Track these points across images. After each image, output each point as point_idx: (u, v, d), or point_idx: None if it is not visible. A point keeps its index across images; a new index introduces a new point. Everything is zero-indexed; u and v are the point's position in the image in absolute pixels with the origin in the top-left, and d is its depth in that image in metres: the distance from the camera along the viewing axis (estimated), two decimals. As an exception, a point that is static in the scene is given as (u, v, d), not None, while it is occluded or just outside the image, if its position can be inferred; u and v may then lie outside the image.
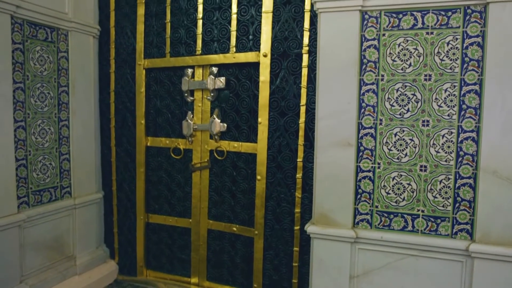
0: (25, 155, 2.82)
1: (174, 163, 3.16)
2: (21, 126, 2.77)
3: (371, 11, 2.20)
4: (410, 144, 2.19)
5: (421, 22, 2.12)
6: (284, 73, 2.65)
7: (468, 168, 2.10)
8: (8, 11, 2.57)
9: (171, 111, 3.14)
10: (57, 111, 3.05)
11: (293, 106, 2.64)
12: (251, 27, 2.75)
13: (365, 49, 2.22)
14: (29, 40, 2.79)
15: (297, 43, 2.60)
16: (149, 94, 3.22)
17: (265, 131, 2.71)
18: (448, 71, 2.09)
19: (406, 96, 2.17)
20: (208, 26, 2.91)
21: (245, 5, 2.76)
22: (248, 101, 2.81)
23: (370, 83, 2.23)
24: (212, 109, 2.96)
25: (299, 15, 2.58)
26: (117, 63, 3.34)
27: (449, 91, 2.10)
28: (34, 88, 2.85)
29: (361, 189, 2.30)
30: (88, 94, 3.29)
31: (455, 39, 2.07)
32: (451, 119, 2.11)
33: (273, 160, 2.73)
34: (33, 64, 2.83)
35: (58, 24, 2.97)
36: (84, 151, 3.27)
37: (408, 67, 2.16)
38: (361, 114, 2.26)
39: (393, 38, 2.18)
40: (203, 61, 2.92)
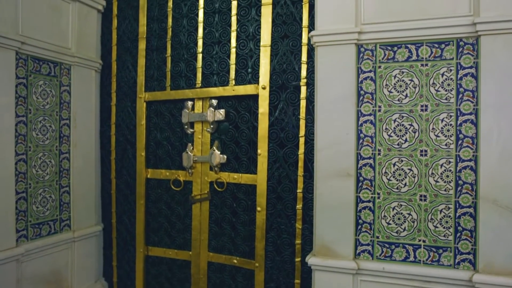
0: (25, 188, 2.82)
1: (174, 195, 3.16)
2: (22, 159, 2.79)
3: (367, 44, 2.26)
4: (409, 174, 2.20)
5: (415, 55, 2.18)
6: (283, 105, 2.69)
7: (467, 197, 2.10)
8: (14, 47, 2.64)
9: (171, 143, 3.17)
10: (58, 143, 3.08)
11: (292, 137, 2.67)
12: (250, 61, 2.81)
13: (362, 81, 2.27)
14: (33, 75, 2.85)
15: (295, 75, 2.65)
16: (149, 126, 3.25)
17: (264, 162, 2.73)
18: (444, 101, 2.13)
19: (404, 127, 2.20)
20: (208, 60, 2.97)
21: (244, 39, 2.84)
22: (248, 132, 2.84)
23: (368, 114, 2.26)
24: (212, 141, 2.99)
25: (296, 48, 2.65)
26: (118, 96, 3.39)
27: (445, 121, 2.13)
28: (36, 122, 2.89)
29: (361, 219, 2.29)
30: (89, 127, 3.33)
31: (449, 70, 2.12)
32: (448, 148, 2.13)
33: (273, 191, 2.73)
34: (36, 98, 2.88)
35: (61, 59, 3.04)
36: (84, 183, 3.27)
37: (405, 98, 2.20)
38: (360, 145, 2.28)
39: (389, 70, 2.22)
40: (203, 93, 2.97)
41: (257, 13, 2.79)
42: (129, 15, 3.32)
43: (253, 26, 2.80)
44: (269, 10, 2.72)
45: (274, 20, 2.72)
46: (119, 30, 3.39)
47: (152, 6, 3.21)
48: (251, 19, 2.81)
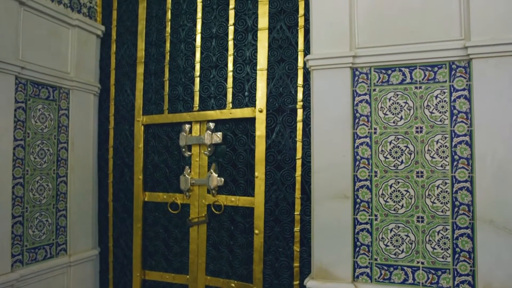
0: (22, 212, 2.81)
1: (171, 218, 3.15)
2: (19, 183, 2.79)
3: (361, 67, 2.30)
4: (406, 195, 2.21)
5: (409, 77, 2.22)
6: (280, 128, 2.72)
7: (464, 218, 2.11)
8: (13, 72, 2.67)
9: (168, 166, 3.18)
10: (55, 167, 3.08)
11: (289, 159, 2.68)
12: (247, 84, 2.85)
13: (357, 103, 2.30)
14: (32, 99, 2.87)
15: (291, 98, 2.69)
16: (147, 149, 3.27)
17: (262, 185, 2.73)
18: (438, 123, 2.16)
19: (399, 148, 2.22)
20: (205, 84, 3.01)
21: (241, 63, 2.88)
22: (245, 155, 2.86)
23: (364, 136, 2.28)
24: (209, 164, 3.00)
25: (292, 72, 2.69)
26: (116, 119, 3.42)
27: (440, 143, 2.15)
28: (34, 145, 2.90)
29: (359, 241, 2.29)
30: (87, 150, 3.34)
31: (442, 92, 2.16)
32: (444, 169, 2.14)
33: (271, 213, 2.73)
34: (34, 122, 2.90)
35: (60, 83, 3.08)
36: (81, 207, 3.26)
37: (400, 120, 2.23)
38: (356, 167, 2.30)
39: (383, 92, 2.26)
40: (200, 117, 2.99)
41: (254, 38, 2.84)
42: (128, 40, 3.38)
43: (250, 50, 2.85)
44: (265, 35, 2.78)
45: (270, 45, 2.78)
46: (117, 54, 3.44)
47: (150, 32, 3.27)
48: (247, 43, 2.87)
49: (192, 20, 3.10)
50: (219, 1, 3.00)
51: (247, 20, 2.88)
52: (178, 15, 3.16)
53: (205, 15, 3.05)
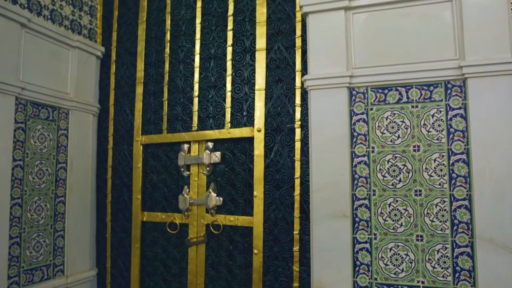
0: (19, 232, 2.79)
1: (170, 238, 3.13)
2: (17, 203, 2.78)
3: (358, 87, 2.33)
4: (405, 214, 2.21)
5: (406, 97, 2.25)
6: (278, 147, 2.73)
7: (464, 237, 2.10)
8: (14, 93, 2.69)
9: (167, 186, 3.18)
10: (54, 187, 3.07)
11: (287, 179, 2.69)
12: (245, 104, 2.88)
13: (355, 122, 2.32)
14: (31, 120, 2.89)
15: (289, 118, 2.71)
16: (146, 169, 3.27)
17: (260, 204, 2.73)
18: (435, 141, 2.18)
19: (397, 167, 2.23)
20: (204, 104, 3.04)
21: (239, 83, 2.91)
22: (244, 174, 2.86)
23: (362, 155, 2.30)
24: (208, 183, 3.00)
25: (290, 91, 2.72)
26: (115, 139, 3.43)
27: (438, 161, 2.17)
28: (33, 165, 2.90)
29: (359, 261, 2.28)
30: (86, 170, 3.34)
31: (439, 111, 2.18)
32: (442, 188, 2.15)
33: (270, 233, 2.72)
34: (34, 142, 2.91)
35: (60, 104, 3.10)
36: (79, 227, 3.24)
37: (397, 139, 2.24)
38: (355, 186, 2.30)
39: (380, 112, 2.28)
40: (199, 136, 3.01)
41: (252, 58, 2.88)
42: (127, 60, 3.42)
43: (248, 70, 2.89)
44: (263, 55, 2.82)
45: (268, 65, 2.81)
46: (117, 75, 3.47)
47: (149, 52, 3.31)
48: (245, 64, 2.91)
49: (191, 41, 3.15)
50: (218, 22, 3.06)
51: (245, 41, 2.93)
52: (177, 36, 3.21)
53: (204, 36, 3.10)
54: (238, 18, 2.98)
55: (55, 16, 3.10)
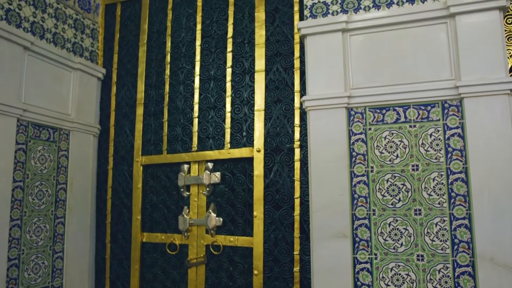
0: (18, 254, 2.78)
1: (169, 259, 3.11)
2: (16, 225, 2.77)
3: (356, 107, 2.36)
4: (405, 233, 2.21)
5: (403, 116, 2.27)
6: (278, 167, 2.74)
7: (465, 256, 2.10)
8: (15, 115, 2.72)
9: (167, 206, 3.17)
10: (54, 208, 3.07)
11: (287, 199, 2.69)
12: (245, 124, 2.90)
13: (354, 142, 2.34)
14: (32, 141, 2.91)
15: (288, 138, 2.73)
16: (145, 189, 3.27)
17: (260, 225, 2.73)
18: (433, 161, 2.19)
19: (397, 186, 2.24)
20: (204, 124, 3.06)
21: (238, 104, 2.95)
22: (243, 195, 2.87)
23: (361, 174, 2.31)
24: (208, 204, 3.00)
25: (289, 112, 2.75)
26: (115, 160, 3.44)
27: (437, 180, 2.18)
28: (33, 186, 2.90)
29: (359, 281, 2.26)
30: (86, 191, 3.34)
31: (436, 131, 2.20)
32: (442, 207, 2.15)
33: (270, 253, 2.71)
34: (34, 163, 2.92)
35: (61, 125, 3.12)
36: (78, 248, 3.22)
37: (396, 158, 2.26)
38: (354, 205, 2.30)
39: (379, 131, 2.30)
40: (199, 157, 3.02)
41: (251, 79, 2.92)
42: (128, 82, 3.46)
43: (247, 91, 2.92)
44: (262, 76, 2.86)
45: (267, 86, 2.85)
46: (117, 96, 3.51)
47: (150, 74, 3.35)
48: (245, 85, 2.94)
49: (191, 62, 3.19)
50: (217, 44, 3.11)
51: (244, 63, 2.97)
52: (177, 58, 3.26)
53: (204, 58, 3.14)
54: (237, 40, 3.03)
55: (58, 39, 3.15)
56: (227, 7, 3.11)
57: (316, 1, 2.54)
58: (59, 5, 3.19)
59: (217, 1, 3.17)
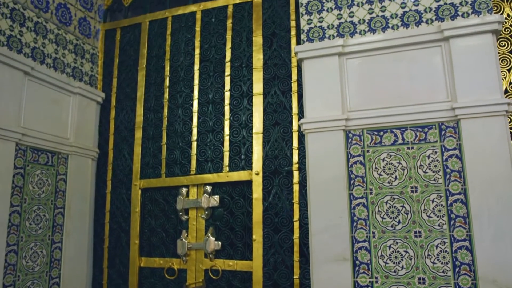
0: (13, 280, 2.73)
1: (168, 284, 3.07)
2: (13, 250, 2.74)
3: (354, 130, 2.37)
4: (405, 256, 2.19)
5: (401, 138, 2.28)
6: (276, 190, 2.74)
7: (467, 279, 2.07)
8: (14, 139, 2.72)
9: (165, 230, 3.15)
10: (51, 233, 3.04)
11: (286, 222, 2.68)
12: (243, 147, 2.91)
13: (352, 165, 2.34)
14: (30, 165, 2.90)
15: (287, 161, 2.74)
16: (144, 213, 3.25)
17: (260, 248, 2.70)
18: (432, 182, 2.19)
19: (396, 208, 2.24)
20: (202, 147, 3.07)
21: (237, 127, 2.96)
22: (242, 218, 2.85)
23: (360, 197, 2.30)
24: (206, 227, 2.98)
25: (287, 135, 2.77)
26: (114, 183, 3.43)
27: (436, 202, 2.17)
28: (30, 211, 2.88)
29: (360, 305, 2.23)
30: (84, 215, 3.32)
31: (434, 152, 2.21)
32: (442, 228, 2.14)
33: (269, 278, 2.67)
34: (32, 187, 2.91)
35: (60, 149, 3.12)
36: (75, 274, 3.17)
37: (394, 180, 2.26)
38: (354, 228, 2.29)
39: (377, 153, 2.31)
40: (198, 180, 3.02)
41: (249, 102, 2.95)
42: (127, 106, 3.48)
43: (246, 114, 2.94)
44: (260, 99, 2.89)
45: (265, 109, 2.87)
46: (116, 120, 3.52)
47: (149, 98, 3.38)
48: (243, 108, 2.97)
49: (189, 86, 3.22)
50: (215, 68, 3.15)
51: (243, 86, 3.00)
52: (176, 82, 3.29)
53: (202, 81, 3.18)
54: (235, 64, 3.07)
55: (58, 64, 3.19)
56: (225, 32, 3.16)
57: (312, 25, 2.59)
58: (60, 31, 3.24)
59: (215, 26, 3.22)
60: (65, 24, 3.29)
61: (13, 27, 2.82)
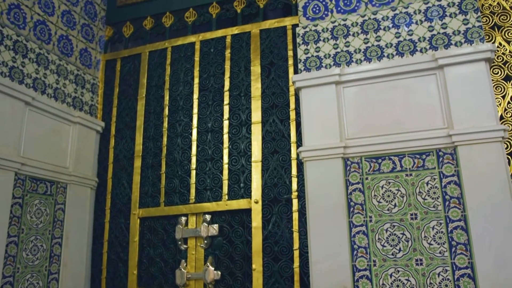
0: (9, 314, 2.69)
1: (165, 316, 3.01)
2: (8, 282, 2.70)
3: (352, 157, 2.38)
4: (407, 284, 2.16)
5: (399, 165, 2.29)
6: (276, 218, 2.73)
7: (470, 308, 2.04)
8: (13, 169, 2.72)
9: (164, 260, 3.11)
10: (48, 263, 3.00)
11: (286, 250, 2.65)
12: (242, 176, 2.92)
13: (351, 192, 2.35)
14: (29, 194, 2.89)
15: (286, 189, 2.74)
16: (142, 243, 3.22)
17: (259, 278, 2.66)
18: (432, 209, 2.19)
19: (396, 236, 2.22)
20: (201, 176, 3.07)
21: (236, 155, 2.97)
22: (242, 247, 2.82)
23: (359, 224, 2.29)
24: (205, 257, 2.94)
25: (286, 163, 2.78)
26: (112, 212, 3.41)
27: (436, 229, 2.16)
28: (27, 241, 2.85)
29: (363, 336, 2.19)
30: (81, 245, 3.28)
31: (433, 179, 2.22)
32: (443, 256, 2.12)
33: (270, 308, 2.63)
34: (30, 217, 2.89)
35: (59, 178, 3.12)
36: (71, 306, 3.12)
37: (394, 207, 2.26)
38: (354, 256, 2.27)
39: (375, 181, 2.32)
40: (197, 209, 3.01)
41: (248, 131, 2.97)
42: (126, 135, 3.50)
43: (244, 143, 2.96)
44: (259, 128, 2.91)
45: (264, 137, 2.89)
46: (116, 149, 3.53)
47: (148, 127, 3.40)
48: (242, 136, 2.99)
49: (188, 115, 3.25)
50: (214, 97, 3.18)
51: (241, 115, 3.03)
52: (175, 111, 3.32)
53: (201, 110, 3.21)
54: (234, 93, 3.11)
55: (58, 94, 3.23)
56: (224, 62, 3.22)
57: (309, 55, 2.64)
58: (61, 61, 3.29)
59: (214, 56, 3.28)
60: (66, 55, 3.35)
61: (16, 58, 2.87)
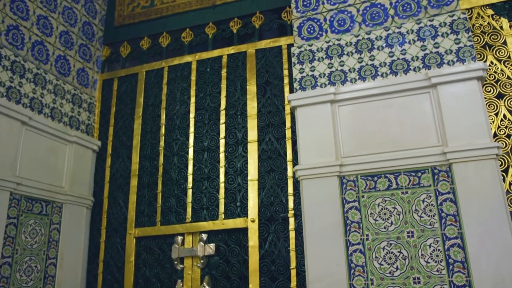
0: (1, 337, 2.64)
1: (161, 338, 2.96)
2: (2, 304, 2.66)
3: (348, 175, 2.39)
4: (405, 303, 2.14)
5: (395, 183, 2.30)
6: (272, 237, 2.72)
7: (468, 327, 2.03)
8: (9, 189, 2.71)
9: (160, 280, 3.07)
10: (42, 285, 2.96)
11: (283, 270, 2.63)
12: (239, 194, 2.91)
13: (347, 210, 2.34)
14: (24, 214, 2.87)
15: (282, 207, 2.73)
16: (138, 263, 3.19)
17: (256, 297, 2.64)
18: (428, 226, 2.19)
19: (393, 254, 2.21)
20: (198, 195, 3.07)
21: (232, 174, 2.98)
22: (238, 266, 2.80)
23: (356, 243, 2.29)
24: (202, 277, 2.91)
25: (282, 181, 2.78)
26: (108, 232, 3.38)
27: (433, 246, 2.16)
28: (21, 262, 2.82)
29: None
30: (76, 265, 3.24)
31: (428, 196, 2.22)
32: (440, 274, 2.11)
33: (267, 328, 2.59)
34: (25, 237, 2.86)
35: (54, 198, 3.10)
36: (65, 329, 3.06)
37: (390, 225, 2.25)
38: (352, 275, 2.26)
39: (372, 199, 2.32)
40: (193, 228, 2.99)
41: (244, 150, 2.98)
42: (123, 154, 3.50)
43: (241, 161, 2.97)
44: (255, 146, 2.93)
45: (260, 156, 2.91)
46: (112, 168, 3.53)
47: (144, 146, 3.41)
48: (238, 155, 3.00)
49: (185, 134, 3.27)
50: (211, 116, 3.20)
51: (237, 134, 3.05)
52: (171, 130, 3.33)
53: (197, 129, 3.22)
54: (230, 112, 3.14)
55: (55, 114, 3.24)
56: (220, 81, 3.25)
57: (304, 74, 2.67)
58: (59, 81, 3.31)
59: (210, 76, 3.31)
60: (63, 75, 3.38)
61: (13, 78, 2.89)
